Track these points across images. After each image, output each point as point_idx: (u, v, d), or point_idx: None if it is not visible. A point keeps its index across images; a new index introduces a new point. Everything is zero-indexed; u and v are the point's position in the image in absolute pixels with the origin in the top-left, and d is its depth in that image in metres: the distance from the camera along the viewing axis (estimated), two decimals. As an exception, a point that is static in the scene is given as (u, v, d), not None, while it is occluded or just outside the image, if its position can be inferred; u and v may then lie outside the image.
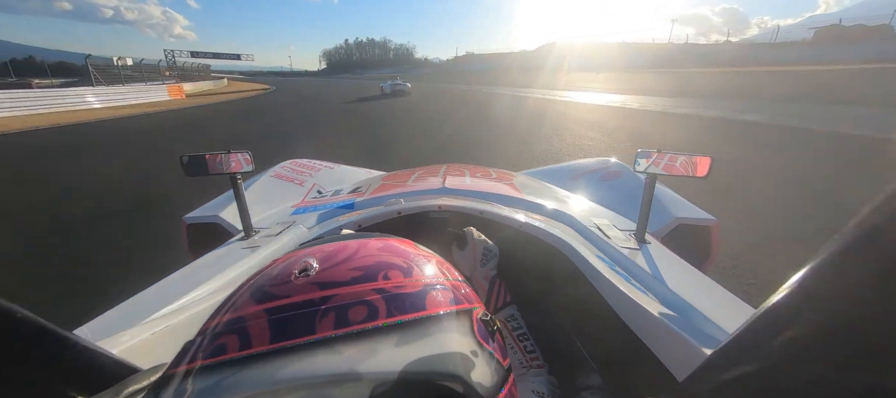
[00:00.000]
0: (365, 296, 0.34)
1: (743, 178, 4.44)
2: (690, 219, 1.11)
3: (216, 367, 0.29)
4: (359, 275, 0.36)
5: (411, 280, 0.38)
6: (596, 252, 0.89)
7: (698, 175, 0.89)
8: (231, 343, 0.31)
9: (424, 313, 0.34)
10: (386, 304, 0.33)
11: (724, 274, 2.33)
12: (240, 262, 0.87)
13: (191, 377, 0.29)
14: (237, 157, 0.96)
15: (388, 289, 0.35)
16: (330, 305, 0.33)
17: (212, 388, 0.28)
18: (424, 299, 0.36)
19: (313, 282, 0.35)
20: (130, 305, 0.70)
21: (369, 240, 0.44)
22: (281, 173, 1.65)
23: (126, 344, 0.52)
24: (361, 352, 0.30)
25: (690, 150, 0.90)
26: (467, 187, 1.25)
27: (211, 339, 0.32)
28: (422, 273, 0.39)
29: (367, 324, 0.32)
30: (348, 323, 0.31)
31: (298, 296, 0.33)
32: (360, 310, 0.32)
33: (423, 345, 0.31)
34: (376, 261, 0.39)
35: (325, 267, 0.37)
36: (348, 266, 0.37)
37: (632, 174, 1.50)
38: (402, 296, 0.35)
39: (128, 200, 4.14)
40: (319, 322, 0.31)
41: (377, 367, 0.29)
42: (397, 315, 0.33)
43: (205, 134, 9.44)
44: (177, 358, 0.33)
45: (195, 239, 1.21)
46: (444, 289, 0.39)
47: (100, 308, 0.67)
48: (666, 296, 0.73)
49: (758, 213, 3.39)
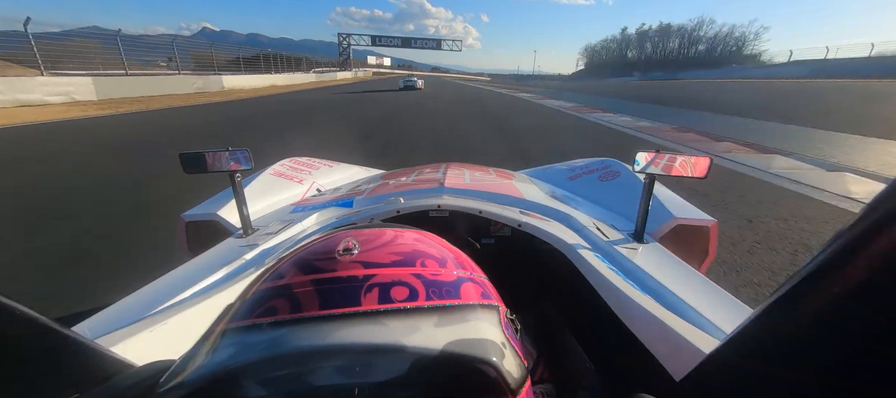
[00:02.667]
0: (404, 278, 0.36)
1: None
2: (689, 220, 1.12)
3: (268, 325, 0.32)
4: (398, 259, 0.38)
5: (445, 270, 0.40)
6: (594, 251, 0.89)
7: (697, 175, 0.89)
8: (281, 306, 0.33)
9: (459, 301, 0.36)
10: (425, 288, 0.36)
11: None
12: (238, 260, 0.86)
13: (243, 331, 0.32)
14: (236, 154, 0.95)
15: (425, 275, 0.37)
16: (373, 282, 0.35)
17: (265, 342, 0.30)
18: (459, 288, 0.38)
19: (356, 260, 0.37)
20: (128, 303, 0.70)
21: (405, 231, 0.46)
22: (280, 171, 1.64)
23: (124, 341, 0.52)
24: (405, 327, 0.32)
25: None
26: (467, 186, 1.25)
27: (259, 301, 0.35)
28: (455, 265, 0.42)
29: (408, 302, 0.34)
30: (391, 300, 0.34)
31: (343, 271, 0.36)
32: (402, 290, 0.35)
33: (460, 329, 0.33)
34: (414, 248, 0.41)
35: (365, 248, 0.39)
36: (388, 250, 0.40)
37: (631, 174, 1.50)
38: (439, 283, 0.37)
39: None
40: (364, 296, 0.34)
41: (418, 343, 0.31)
42: (436, 299, 0.35)
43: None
44: (221, 316, 0.36)
45: (194, 237, 1.21)
46: (475, 283, 0.41)
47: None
48: (664, 296, 0.73)
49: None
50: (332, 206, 1.22)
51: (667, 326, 0.58)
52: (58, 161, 5.11)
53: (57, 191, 3.90)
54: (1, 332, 0.28)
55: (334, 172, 1.86)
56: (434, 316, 0.34)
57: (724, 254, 2.48)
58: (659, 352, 0.59)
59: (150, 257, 2.44)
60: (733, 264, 2.40)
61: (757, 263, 2.43)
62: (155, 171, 4.60)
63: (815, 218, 3.24)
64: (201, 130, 8.23)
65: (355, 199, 1.25)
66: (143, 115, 10.36)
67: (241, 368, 0.29)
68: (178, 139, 7.02)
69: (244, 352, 0.30)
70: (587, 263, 0.82)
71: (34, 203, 3.54)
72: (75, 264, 2.39)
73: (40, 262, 2.42)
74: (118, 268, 2.33)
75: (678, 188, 1.36)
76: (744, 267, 2.38)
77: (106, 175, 4.56)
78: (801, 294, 0.28)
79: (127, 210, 3.40)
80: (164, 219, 2.98)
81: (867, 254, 0.23)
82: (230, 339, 0.32)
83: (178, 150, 0.97)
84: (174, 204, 2.54)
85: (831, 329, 0.25)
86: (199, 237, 1.17)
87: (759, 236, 2.84)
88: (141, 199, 3.69)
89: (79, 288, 2.10)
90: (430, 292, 0.35)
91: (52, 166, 4.86)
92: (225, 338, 0.32)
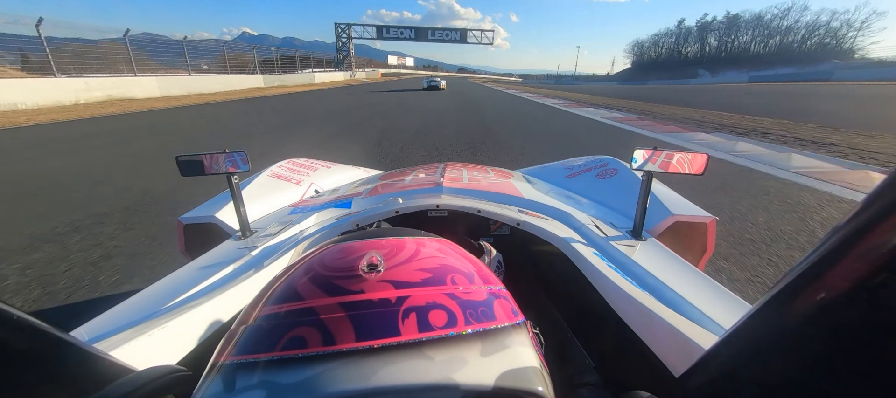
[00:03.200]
0: (439, 299, 0.33)
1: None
2: (686, 217, 1.12)
3: (298, 361, 0.28)
4: (429, 276, 0.36)
5: (475, 286, 0.37)
6: (593, 249, 0.89)
7: (695, 172, 0.89)
8: (311, 337, 0.29)
9: (496, 324, 0.34)
10: (462, 311, 0.33)
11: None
12: (237, 262, 0.86)
13: (269, 368, 0.28)
14: (233, 157, 0.95)
15: (458, 295, 0.35)
16: (408, 306, 0.32)
17: (301, 384, 0.26)
18: (492, 308, 0.36)
19: (385, 279, 0.34)
20: (127, 306, 0.70)
21: (425, 240, 0.43)
22: (278, 173, 1.64)
23: (122, 345, 0.52)
24: (452, 359, 0.29)
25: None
26: (465, 186, 1.25)
27: (279, 328, 0.30)
28: (480, 279, 0.39)
29: (449, 329, 0.31)
30: (431, 327, 0.31)
31: (372, 292, 0.33)
32: (440, 315, 0.32)
33: (504, 358, 0.31)
34: (441, 263, 0.39)
35: (391, 264, 0.36)
36: (415, 266, 0.37)
37: (628, 172, 1.50)
38: (474, 303, 0.35)
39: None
40: (403, 323, 0.30)
41: (470, 379, 0.28)
42: (474, 322, 0.33)
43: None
44: (230, 344, 0.31)
45: (191, 239, 1.20)
46: (504, 299, 0.39)
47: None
48: (663, 293, 0.73)
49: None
50: (330, 207, 1.22)
51: (665, 323, 0.59)
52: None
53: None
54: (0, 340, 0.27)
55: (332, 173, 1.86)
56: (477, 344, 0.31)
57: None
58: (658, 349, 0.59)
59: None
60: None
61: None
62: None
63: None
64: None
65: (354, 200, 1.25)
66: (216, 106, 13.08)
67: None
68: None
69: (275, 396, 0.26)
70: (586, 261, 0.82)
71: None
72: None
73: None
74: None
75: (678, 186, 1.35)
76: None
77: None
78: (799, 289, 0.28)
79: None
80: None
81: (865, 249, 0.23)
82: (254, 379, 0.27)
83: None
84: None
85: (829, 324, 0.25)
86: (198, 240, 1.17)
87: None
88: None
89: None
90: (468, 315, 0.33)
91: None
92: (244, 377, 0.28)
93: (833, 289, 0.25)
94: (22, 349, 0.29)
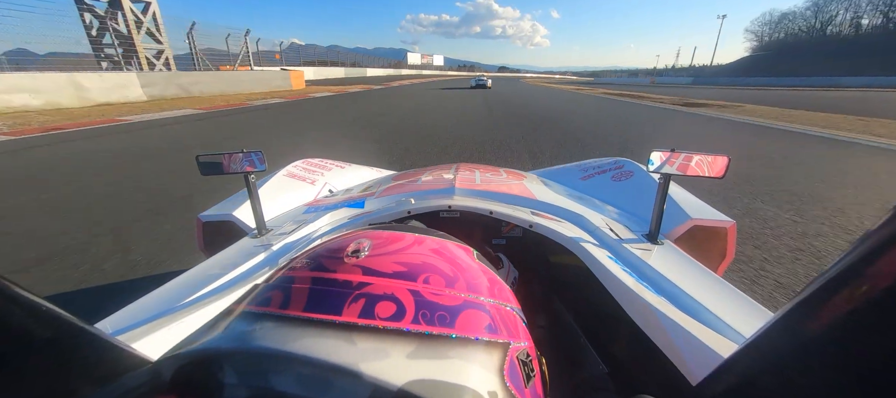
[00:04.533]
0: (397, 293, 0.33)
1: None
2: (705, 221, 1.09)
3: (256, 316, 0.32)
4: (401, 270, 0.36)
5: (452, 291, 0.36)
6: (607, 252, 0.88)
7: (715, 176, 0.87)
8: (275, 298, 0.34)
9: (451, 331, 0.32)
10: (415, 308, 0.33)
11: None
12: (252, 260, 0.88)
13: (240, 317, 0.33)
14: (251, 156, 0.97)
15: (422, 294, 0.34)
16: (363, 292, 0.33)
17: (245, 333, 0.31)
18: (457, 316, 0.33)
19: (359, 264, 0.36)
20: (147, 301, 0.72)
21: (427, 238, 0.43)
22: (293, 172, 1.67)
23: (142, 338, 0.54)
24: (373, 350, 0.29)
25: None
26: (477, 187, 1.25)
27: (267, 288, 0.36)
28: (466, 287, 0.37)
29: (390, 322, 0.31)
30: (372, 316, 0.31)
31: (342, 274, 0.35)
32: (388, 307, 0.32)
33: (436, 367, 0.29)
34: (423, 261, 0.38)
35: (374, 252, 0.38)
36: (395, 258, 0.37)
37: (644, 174, 1.47)
38: (433, 305, 0.33)
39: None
40: (348, 306, 0.32)
41: (380, 373, 0.28)
42: (423, 324, 0.32)
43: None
44: (243, 295, 0.37)
45: (209, 237, 1.24)
46: (483, 312, 0.36)
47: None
48: (680, 298, 0.71)
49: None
50: (343, 207, 1.23)
51: (682, 329, 0.57)
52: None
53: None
54: (25, 328, 0.29)
55: (346, 173, 1.88)
56: (411, 344, 0.30)
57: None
58: (674, 356, 0.58)
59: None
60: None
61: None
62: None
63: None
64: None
65: (366, 200, 1.26)
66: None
67: (220, 353, 0.30)
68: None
69: (228, 337, 0.31)
70: (599, 264, 0.80)
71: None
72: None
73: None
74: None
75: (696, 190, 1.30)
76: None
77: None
78: (825, 298, 0.27)
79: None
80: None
81: (890, 259, 0.22)
82: (232, 322, 0.33)
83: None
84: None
85: (856, 336, 0.24)
86: (216, 237, 1.20)
87: None
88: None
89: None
90: (420, 315, 0.32)
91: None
92: (231, 319, 0.33)
93: (864, 298, 0.23)
94: (47, 338, 0.30)
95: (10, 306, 0.28)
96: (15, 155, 5.26)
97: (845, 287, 0.25)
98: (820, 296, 0.27)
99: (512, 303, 0.42)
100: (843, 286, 0.25)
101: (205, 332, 0.34)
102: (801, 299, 0.28)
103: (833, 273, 0.26)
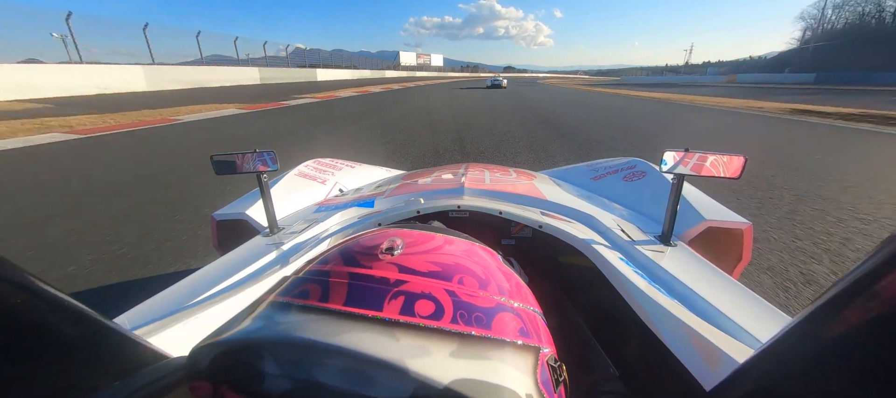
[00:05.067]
0: (434, 292, 0.34)
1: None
2: (720, 222, 1.06)
3: (296, 308, 0.33)
4: (436, 269, 0.37)
5: (485, 293, 0.36)
6: (618, 254, 0.87)
7: (730, 176, 0.85)
8: (314, 291, 0.34)
9: (488, 333, 0.32)
10: (453, 308, 0.33)
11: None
12: (264, 258, 0.89)
13: (278, 307, 0.34)
14: (263, 156, 0.99)
15: (458, 294, 0.35)
16: (401, 289, 0.34)
17: (285, 324, 0.31)
18: (492, 318, 0.34)
19: (394, 262, 0.37)
20: (163, 298, 0.74)
21: (456, 240, 0.44)
22: (304, 172, 1.69)
23: (159, 333, 0.55)
24: (416, 347, 0.29)
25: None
26: (487, 187, 1.24)
27: (302, 281, 0.36)
28: (497, 290, 0.38)
29: (430, 321, 0.31)
30: (413, 313, 0.32)
31: (378, 271, 0.36)
32: (427, 305, 0.33)
33: (477, 367, 0.30)
34: (456, 262, 0.39)
35: (408, 251, 0.38)
36: (428, 258, 0.38)
37: (657, 174, 1.44)
38: (470, 306, 0.34)
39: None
40: (388, 302, 0.33)
41: (424, 370, 0.28)
42: (461, 324, 0.32)
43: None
44: (275, 285, 0.38)
45: (223, 235, 1.26)
46: (515, 316, 0.36)
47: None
48: (693, 301, 0.70)
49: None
50: (353, 206, 1.24)
51: (696, 333, 0.56)
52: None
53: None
54: (49, 323, 0.30)
55: (356, 173, 1.90)
56: (452, 343, 0.31)
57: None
58: (688, 360, 0.56)
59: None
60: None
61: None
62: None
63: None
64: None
65: (376, 200, 1.27)
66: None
67: (261, 342, 0.31)
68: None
69: (268, 327, 0.31)
70: (611, 266, 0.79)
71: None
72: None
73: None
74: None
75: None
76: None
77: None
78: (846, 301, 0.26)
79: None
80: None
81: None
82: (267, 311, 0.33)
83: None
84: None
85: (883, 341, 0.23)
86: (230, 235, 1.22)
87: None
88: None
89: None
90: (458, 315, 0.33)
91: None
92: (265, 309, 0.34)
93: (887, 302, 0.23)
94: (70, 333, 0.31)
95: (35, 301, 0.29)
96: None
97: (869, 290, 0.24)
98: (843, 299, 0.26)
99: (536, 306, 0.42)
100: (867, 289, 0.24)
101: (238, 322, 0.34)
102: (823, 302, 0.27)
103: (856, 276, 0.25)
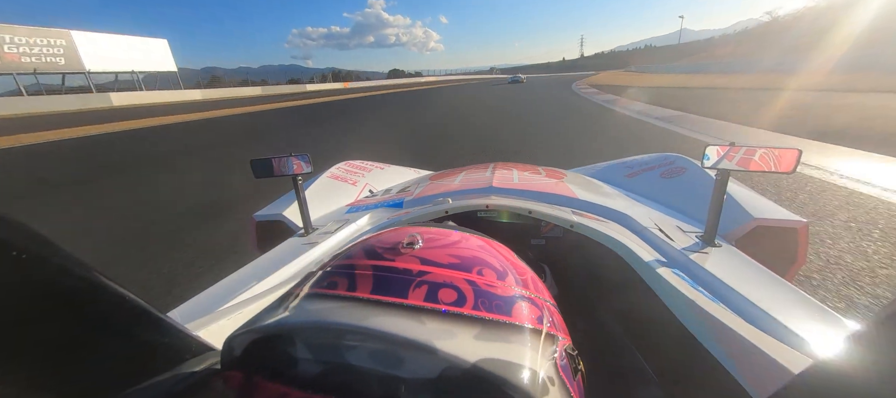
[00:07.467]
0: (456, 282, 0.36)
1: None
2: (771, 221, 0.98)
3: (325, 297, 0.36)
4: (456, 261, 0.39)
5: (503, 284, 0.38)
6: (657, 254, 0.82)
7: (782, 171, 0.78)
8: (341, 283, 0.37)
9: (509, 319, 0.34)
10: (474, 296, 0.35)
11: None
12: (298, 258, 0.93)
13: (307, 297, 0.36)
14: (298, 160, 1.03)
15: (478, 284, 0.37)
16: (424, 279, 0.36)
17: (315, 311, 0.34)
18: (512, 306, 0.36)
19: (415, 255, 0.39)
20: (209, 294, 0.79)
21: (471, 236, 0.46)
22: (336, 174, 1.75)
23: (205, 327, 0.59)
24: (442, 330, 0.31)
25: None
26: (516, 186, 1.23)
27: (329, 274, 0.39)
28: (514, 281, 0.40)
29: (453, 307, 0.34)
30: (437, 300, 0.34)
31: (401, 263, 0.38)
32: (450, 293, 0.35)
33: (501, 348, 0.31)
34: (474, 255, 0.41)
35: (428, 245, 0.41)
36: (448, 251, 0.41)
37: (698, 170, 1.36)
38: (490, 294, 0.36)
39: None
40: (412, 290, 0.35)
41: (453, 350, 0.30)
42: (483, 310, 0.34)
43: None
44: (304, 279, 0.41)
45: (262, 235, 1.33)
46: (533, 305, 0.38)
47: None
48: (741, 306, 0.65)
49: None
50: (382, 207, 1.27)
51: (744, 339, 0.52)
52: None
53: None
54: (111, 315, 0.33)
55: (386, 174, 1.94)
56: (475, 327, 0.32)
57: None
58: (735, 368, 0.53)
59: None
60: None
61: None
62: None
63: None
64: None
65: (405, 200, 1.29)
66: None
67: (293, 328, 0.33)
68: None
69: (299, 314, 0.34)
70: (648, 268, 0.76)
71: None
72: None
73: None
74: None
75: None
76: None
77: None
78: None
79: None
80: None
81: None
82: (296, 302, 0.36)
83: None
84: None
85: None
86: (267, 235, 1.29)
87: None
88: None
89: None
90: (479, 302, 0.35)
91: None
92: (294, 300, 0.37)
93: None
94: (129, 324, 0.34)
95: (100, 294, 0.32)
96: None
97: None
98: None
99: (550, 298, 0.44)
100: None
101: (270, 313, 0.36)
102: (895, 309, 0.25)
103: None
